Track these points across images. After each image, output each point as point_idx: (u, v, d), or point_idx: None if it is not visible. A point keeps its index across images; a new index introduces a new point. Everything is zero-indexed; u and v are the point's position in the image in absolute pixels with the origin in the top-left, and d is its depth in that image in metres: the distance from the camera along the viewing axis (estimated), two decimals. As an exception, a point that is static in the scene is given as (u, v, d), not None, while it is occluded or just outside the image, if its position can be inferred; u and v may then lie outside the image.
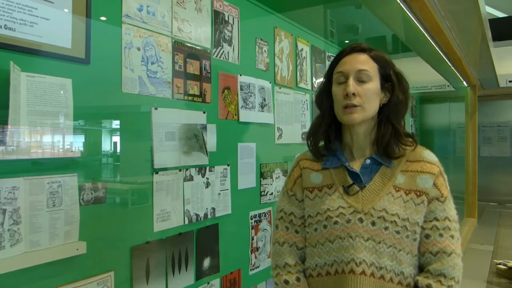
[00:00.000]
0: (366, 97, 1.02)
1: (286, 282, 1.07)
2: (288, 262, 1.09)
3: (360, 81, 1.03)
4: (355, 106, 1.01)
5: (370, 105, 1.03)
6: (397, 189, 1.02)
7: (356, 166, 1.07)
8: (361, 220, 1.00)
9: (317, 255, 1.05)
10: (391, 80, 1.06)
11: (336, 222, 1.02)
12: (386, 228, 0.99)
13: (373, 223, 0.99)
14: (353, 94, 1.01)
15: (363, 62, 1.04)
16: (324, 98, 1.11)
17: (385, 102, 1.07)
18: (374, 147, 1.07)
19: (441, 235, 1.00)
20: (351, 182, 1.05)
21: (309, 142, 1.15)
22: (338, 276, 1.00)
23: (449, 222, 1.01)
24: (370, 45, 1.08)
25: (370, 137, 1.08)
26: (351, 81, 1.02)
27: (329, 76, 1.10)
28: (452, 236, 1.00)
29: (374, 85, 1.04)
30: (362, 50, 1.06)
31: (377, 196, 1.02)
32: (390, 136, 1.05)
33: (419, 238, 1.02)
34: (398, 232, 0.99)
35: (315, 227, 1.06)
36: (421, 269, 1.03)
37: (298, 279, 1.07)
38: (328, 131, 1.11)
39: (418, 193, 1.01)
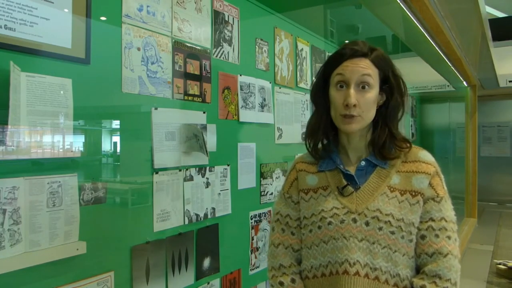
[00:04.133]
0: (366, 106, 1.00)
1: (281, 283, 1.06)
2: (283, 263, 1.09)
3: (361, 89, 1.00)
4: (354, 116, 0.99)
5: (368, 114, 1.02)
6: (392, 189, 1.01)
7: (351, 168, 1.07)
8: (354, 220, 0.99)
9: (312, 257, 1.05)
10: (390, 83, 1.04)
11: (330, 223, 1.01)
12: (380, 229, 0.97)
13: (367, 223, 0.98)
14: (354, 105, 0.98)
15: (365, 68, 1.00)
16: (320, 97, 1.09)
17: (381, 104, 1.06)
18: (370, 148, 1.07)
19: (437, 235, 0.98)
20: (345, 183, 1.04)
21: (307, 142, 1.13)
22: (332, 277, 1.00)
23: (445, 223, 0.99)
24: (370, 45, 1.05)
25: (365, 139, 1.07)
26: (352, 91, 0.99)
27: (325, 75, 1.07)
28: (448, 237, 0.98)
29: (373, 93, 1.01)
30: (363, 55, 1.02)
31: (372, 196, 1.01)
32: (386, 138, 1.04)
33: (415, 239, 1.00)
34: (393, 233, 0.97)
35: (310, 228, 1.06)
36: (418, 271, 1.01)
37: (293, 281, 1.06)
38: (327, 132, 1.10)
39: (413, 194, 1.00)
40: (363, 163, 1.06)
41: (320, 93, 1.09)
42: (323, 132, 1.10)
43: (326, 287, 1.01)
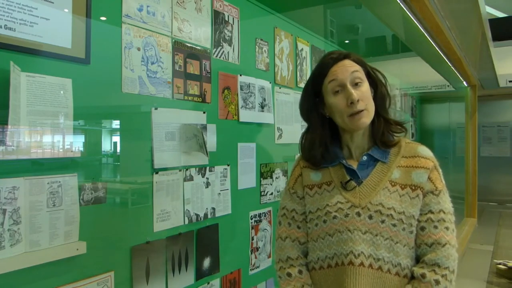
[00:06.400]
0: (367, 99, 1.06)
1: (289, 274, 1.11)
2: (290, 255, 1.13)
3: (355, 85, 1.06)
4: (362, 111, 1.04)
5: (371, 106, 1.08)
6: (393, 184, 1.06)
7: (353, 163, 1.11)
8: (358, 214, 1.04)
9: (318, 249, 1.10)
10: (371, 77, 1.12)
11: (335, 217, 1.06)
12: (382, 222, 1.02)
13: (370, 217, 1.03)
14: (358, 100, 1.04)
15: (352, 66, 1.08)
16: (313, 111, 1.14)
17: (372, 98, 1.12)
18: (371, 142, 1.12)
19: (435, 227, 1.03)
20: (348, 178, 1.08)
21: (305, 157, 1.17)
22: (338, 268, 1.05)
23: (443, 215, 1.04)
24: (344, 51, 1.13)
25: (367, 135, 1.13)
26: (351, 88, 1.05)
27: (315, 89, 1.13)
28: (447, 228, 1.04)
29: (367, 85, 1.09)
30: (345, 56, 1.10)
31: (374, 191, 1.06)
32: (383, 127, 1.10)
33: (416, 231, 1.05)
34: (394, 225, 1.02)
35: (316, 222, 1.10)
36: (418, 260, 1.06)
37: (300, 272, 1.11)
38: (325, 143, 1.13)
39: (413, 188, 1.05)
40: (364, 158, 1.10)
41: (312, 107, 1.14)
42: (320, 145, 1.13)
43: (332, 278, 1.06)
